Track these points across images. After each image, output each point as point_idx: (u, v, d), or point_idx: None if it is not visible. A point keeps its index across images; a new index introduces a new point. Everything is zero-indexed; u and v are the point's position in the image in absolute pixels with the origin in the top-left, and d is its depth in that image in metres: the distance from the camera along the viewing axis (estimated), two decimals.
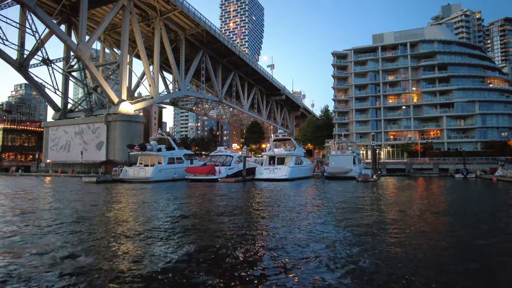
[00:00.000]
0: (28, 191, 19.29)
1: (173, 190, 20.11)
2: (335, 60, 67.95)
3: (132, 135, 43.41)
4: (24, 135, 64.06)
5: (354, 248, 6.40)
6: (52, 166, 47.94)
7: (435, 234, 8.07)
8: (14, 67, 45.07)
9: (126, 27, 45.30)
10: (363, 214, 10.70)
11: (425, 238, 7.52)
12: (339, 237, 7.45)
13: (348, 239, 7.21)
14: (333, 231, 8.09)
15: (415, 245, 6.84)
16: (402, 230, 8.36)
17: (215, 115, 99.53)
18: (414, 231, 8.35)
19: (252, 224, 9.03)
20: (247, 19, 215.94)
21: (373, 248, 6.42)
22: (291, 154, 29.30)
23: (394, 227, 8.65)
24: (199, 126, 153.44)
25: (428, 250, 6.48)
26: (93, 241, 6.98)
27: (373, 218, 10.00)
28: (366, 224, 9.01)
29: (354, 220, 9.58)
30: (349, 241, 7.01)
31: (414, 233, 8.12)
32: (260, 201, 13.99)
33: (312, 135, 64.79)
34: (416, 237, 7.64)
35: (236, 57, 64.77)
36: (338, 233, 7.88)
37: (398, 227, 8.73)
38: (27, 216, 10.16)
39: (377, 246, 6.63)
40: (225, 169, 27.68)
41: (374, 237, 7.48)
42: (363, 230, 8.23)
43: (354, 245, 6.63)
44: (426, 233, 8.09)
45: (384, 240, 7.20)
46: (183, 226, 8.72)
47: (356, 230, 8.20)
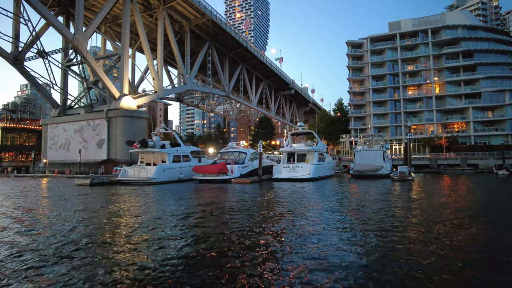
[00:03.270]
0: None
1: (179, 194, 16.66)
2: (350, 49, 63.93)
3: (135, 132, 40.20)
4: (24, 134, 61.36)
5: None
6: (51, 166, 44.98)
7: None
8: (8, 60, 42.07)
9: (127, 16, 41.98)
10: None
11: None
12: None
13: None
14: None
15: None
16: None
17: (222, 111, 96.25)
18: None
19: (295, 258, 5.49)
20: (252, 14, 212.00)
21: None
22: (313, 150, 25.54)
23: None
24: (205, 123, 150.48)
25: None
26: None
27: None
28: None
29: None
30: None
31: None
32: (290, 211, 10.40)
33: (325, 130, 60.94)
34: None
35: (243, 49, 61.38)
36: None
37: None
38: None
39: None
40: (238, 168, 24.02)
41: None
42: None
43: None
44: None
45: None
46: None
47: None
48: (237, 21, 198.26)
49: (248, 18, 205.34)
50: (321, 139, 57.80)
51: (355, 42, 64.10)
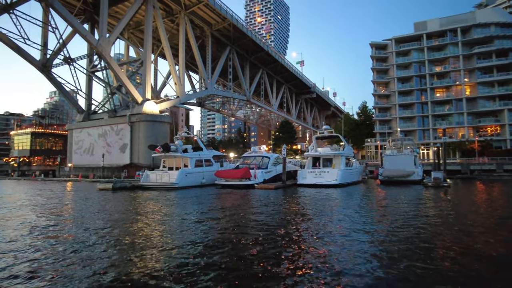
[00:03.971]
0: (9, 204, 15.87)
1: (201, 200, 16.06)
2: (374, 51, 62.17)
3: (157, 136, 40.26)
4: (51, 139, 63.17)
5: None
6: (76, 170, 45.80)
7: None
8: (37, 67, 43.34)
9: (149, 22, 42.37)
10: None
11: None
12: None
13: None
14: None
15: None
16: None
17: (242, 116, 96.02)
18: None
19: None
20: (272, 19, 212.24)
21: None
22: (340, 154, 24.36)
23: None
24: (226, 128, 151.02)
25: None
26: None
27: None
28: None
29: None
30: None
31: None
32: (317, 223, 9.46)
33: (349, 134, 59.25)
34: None
35: (264, 53, 60.88)
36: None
37: None
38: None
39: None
40: (262, 173, 23.18)
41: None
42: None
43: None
44: None
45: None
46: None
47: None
48: (257, 26, 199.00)
49: (268, 23, 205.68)
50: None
51: (379, 43, 62.30)
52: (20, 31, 38.59)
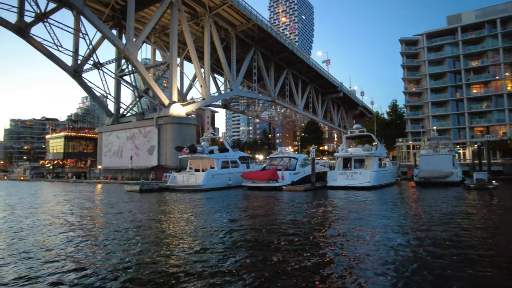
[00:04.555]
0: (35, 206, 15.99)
1: (228, 202, 15.54)
2: (404, 47, 59.64)
3: (184, 138, 40.46)
4: (83, 142, 65.40)
5: None
6: (105, 172, 46.94)
7: None
8: (69, 73, 44.84)
9: (174, 25, 42.75)
10: None
11: None
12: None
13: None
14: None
15: None
16: None
17: (267, 117, 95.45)
18: None
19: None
20: (296, 19, 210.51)
21: None
22: (373, 155, 23.07)
23: None
24: (251, 129, 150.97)
25: None
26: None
27: None
28: None
29: None
30: None
31: None
32: (351, 229, 8.59)
33: (379, 134, 57.00)
34: None
35: (289, 53, 60.03)
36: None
37: None
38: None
39: None
40: (290, 174, 22.38)
41: None
42: None
43: None
44: None
45: None
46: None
47: None
48: (281, 27, 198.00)
49: (292, 23, 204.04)
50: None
51: (409, 39, 59.71)
52: (54, 38, 40.07)
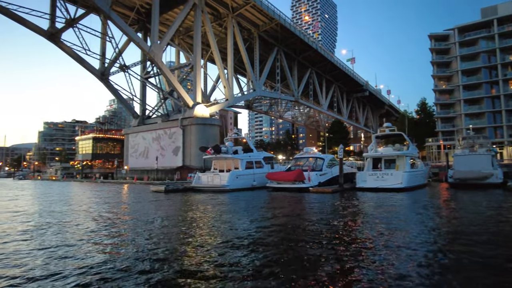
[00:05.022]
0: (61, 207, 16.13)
1: (254, 203, 15.11)
2: (433, 43, 57.16)
3: (208, 139, 40.57)
4: (110, 143, 67.19)
5: None
6: (132, 173, 47.89)
7: None
8: (97, 76, 46.12)
9: (198, 27, 43.01)
10: None
11: None
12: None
13: None
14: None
15: None
16: None
17: (290, 117, 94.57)
18: None
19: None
20: (319, 18, 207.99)
21: None
22: (404, 155, 21.91)
23: None
24: (273, 130, 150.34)
25: None
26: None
27: None
28: None
29: None
30: None
31: None
32: (387, 235, 7.86)
33: (407, 134, 54.86)
34: None
35: (312, 52, 59.11)
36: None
37: None
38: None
39: None
40: (316, 175, 21.62)
41: None
42: None
43: None
44: None
45: None
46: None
47: None
48: (304, 26, 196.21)
49: (315, 22, 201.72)
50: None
51: (439, 34, 57.19)
52: (82, 43, 41.41)
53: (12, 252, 6.12)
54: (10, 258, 5.72)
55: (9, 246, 6.63)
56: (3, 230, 8.44)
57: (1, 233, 8.03)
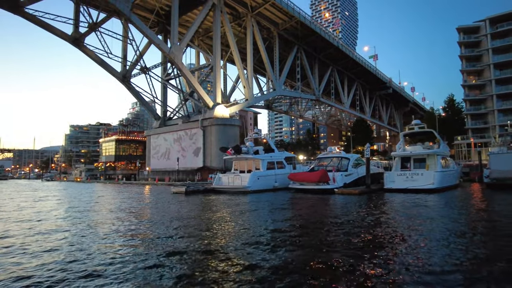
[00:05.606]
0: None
1: (277, 205, 14.44)
2: (462, 36, 54.47)
3: (228, 140, 40.24)
4: (132, 145, 68.23)
5: None
6: (154, 174, 48.28)
7: None
8: (119, 79, 46.76)
9: (217, 27, 42.81)
10: None
11: None
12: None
13: None
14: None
15: None
16: None
17: (311, 116, 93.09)
18: None
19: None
20: (339, 16, 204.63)
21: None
22: (435, 153, 20.60)
23: None
24: (293, 130, 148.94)
25: None
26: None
27: None
28: None
29: None
30: None
31: None
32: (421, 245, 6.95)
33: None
34: None
35: (333, 50, 57.75)
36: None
37: None
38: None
39: None
40: (341, 176, 20.62)
41: None
42: None
43: None
44: None
45: None
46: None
47: None
48: (323, 25, 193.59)
49: (335, 20, 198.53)
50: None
51: (468, 27, 54.42)
52: (104, 46, 41.95)
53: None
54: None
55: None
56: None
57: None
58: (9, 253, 6.31)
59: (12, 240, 7.55)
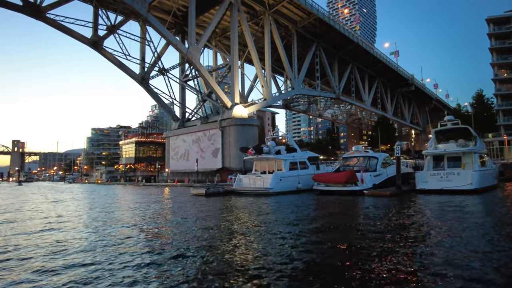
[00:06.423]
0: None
1: (304, 208, 13.47)
2: (492, 28, 51.70)
3: (247, 140, 39.52)
4: (152, 147, 68.66)
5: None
6: (173, 175, 48.16)
7: None
8: (137, 81, 46.91)
9: (234, 26, 42.20)
10: None
11: None
12: None
13: None
14: None
15: None
16: None
17: (330, 115, 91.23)
18: None
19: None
20: (357, 13, 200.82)
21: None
22: (472, 151, 19.03)
23: None
24: (312, 130, 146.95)
25: None
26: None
27: None
28: None
29: None
30: None
31: None
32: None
33: None
34: None
35: (353, 46, 56.15)
36: None
37: None
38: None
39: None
40: (370, 177, 19.24)
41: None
42: None
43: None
44: None
45: None
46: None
47: None
48: (341, 22, 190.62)
49: (353, 17, 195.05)
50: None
51: (499, 17, 51.55)
52: (122, 48, 42.15)
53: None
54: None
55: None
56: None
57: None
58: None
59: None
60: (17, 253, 6.52)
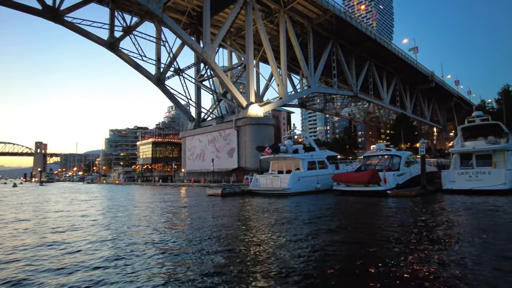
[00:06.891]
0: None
1: (327, 212, 12.83)
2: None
3: (263, 139, 38.94)
4: (168, 147, 69.10)
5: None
6: (189, 175, 48.16)
7: None
8: (153, 82, 47.10)
9: (249, 24, 41.74)
10: None
11: None
12: None
13: None
14: None
15: None
16: None
17: (347, 114, 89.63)
18: None
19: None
20: (373, 10, 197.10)
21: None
22: (505, 149, 17.85)
23: None
24: (328, 129, 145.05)
25: None
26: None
27: None
28: None
29: None
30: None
31: None
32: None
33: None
34: None
35: (371, 43, 54.85)
36: None
37: None
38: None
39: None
40: (393, 176, 18.30)
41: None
42: None
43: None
44: None
45: None
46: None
47: None
48: (357, 19, 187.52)
49: (369, 14, 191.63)
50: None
51: None
52: (138, 49, 42.42)
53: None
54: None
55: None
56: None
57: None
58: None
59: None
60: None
